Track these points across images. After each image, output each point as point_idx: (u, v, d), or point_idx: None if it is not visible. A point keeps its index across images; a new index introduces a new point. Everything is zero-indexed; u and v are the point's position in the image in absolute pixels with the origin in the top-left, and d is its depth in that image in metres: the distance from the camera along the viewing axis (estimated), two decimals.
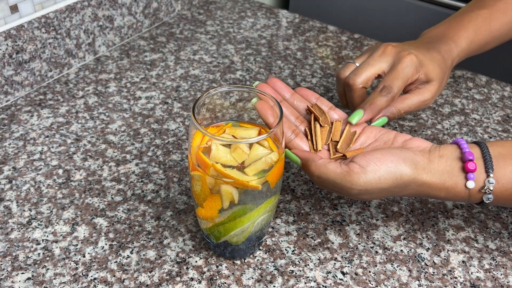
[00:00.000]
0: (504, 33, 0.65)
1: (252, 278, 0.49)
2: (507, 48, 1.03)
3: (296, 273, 0.49)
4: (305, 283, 0.48)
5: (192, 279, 0.48)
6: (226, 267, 0.49)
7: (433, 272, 0.50)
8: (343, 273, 0.49)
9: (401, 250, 0.52)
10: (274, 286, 0.48)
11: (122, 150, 0.63)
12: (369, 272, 0.50)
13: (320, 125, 0.50)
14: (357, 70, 0.57)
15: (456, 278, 0.49)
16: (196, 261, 0.50)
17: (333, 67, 0.80)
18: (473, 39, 0.63)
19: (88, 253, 0.50)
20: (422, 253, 0.52)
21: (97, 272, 0.48)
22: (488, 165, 0.45)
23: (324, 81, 0.76)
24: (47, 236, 0.52)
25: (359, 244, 0.52)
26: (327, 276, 0.49)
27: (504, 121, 0.70)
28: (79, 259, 0.49)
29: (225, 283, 0.48)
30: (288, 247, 0.52)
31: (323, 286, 0.48)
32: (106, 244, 0.51)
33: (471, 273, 0.50)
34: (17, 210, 0.54)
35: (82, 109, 0.69)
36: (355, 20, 1.13)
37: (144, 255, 0.50)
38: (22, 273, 0.48)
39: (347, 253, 0.51)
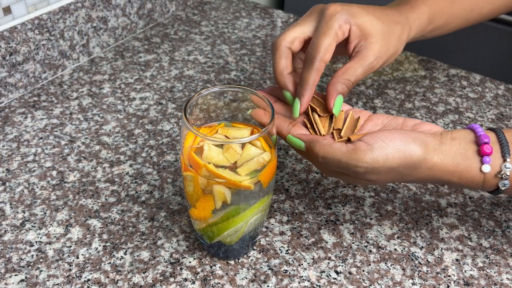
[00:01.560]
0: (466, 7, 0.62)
1: (246, 278, 0.49)
2: (501, 46, 1.03)
3: (290, 273, 0.49)
4: (299, 283, 0.48)
5: (186, 279, 0.48)
6: (220, 267, 0.49)
7: (427, 271, 0.50)
8: (337, 273, 0.49)
9: (395, 249, 0.52)
10: (268, 286, 0.48)
11: (116, 151, 0.62)
12: (363, 271, 0.50)
13: (319, 115, 0.49)
14: (281, 33, 0.52)
15: (449, 276, 0.50)
16: (190, 262, 0.50)
17: (327, 66, 0.80)
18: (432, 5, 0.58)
19: (82, 254, 0.50)
20: (415, 252, 0.52)
21: (91, 274, 0.48)
22: (504, 149, 0.43)
23: (319, 80, 0.76)
24: (41, 237, 0.51)
25: (353, 243, 0.52)
26: (321, 275, 0.49)
27: (498, 120, 0.70)
28: (73, 260, 0.49)
29: (219, 283, 0.48)
30: (282, 246, 0.52)
31: (317, 285, 0.48)
32: (99, 245, 0.51)
33: (465, 271, 0.50)
34: (10, 212, 0.54)
35: (76, 110, 0.69)
36: None
37: (138, 256, 0.50)
38: (16, 275, 0.48)
39: (341, 253, 0.51)
